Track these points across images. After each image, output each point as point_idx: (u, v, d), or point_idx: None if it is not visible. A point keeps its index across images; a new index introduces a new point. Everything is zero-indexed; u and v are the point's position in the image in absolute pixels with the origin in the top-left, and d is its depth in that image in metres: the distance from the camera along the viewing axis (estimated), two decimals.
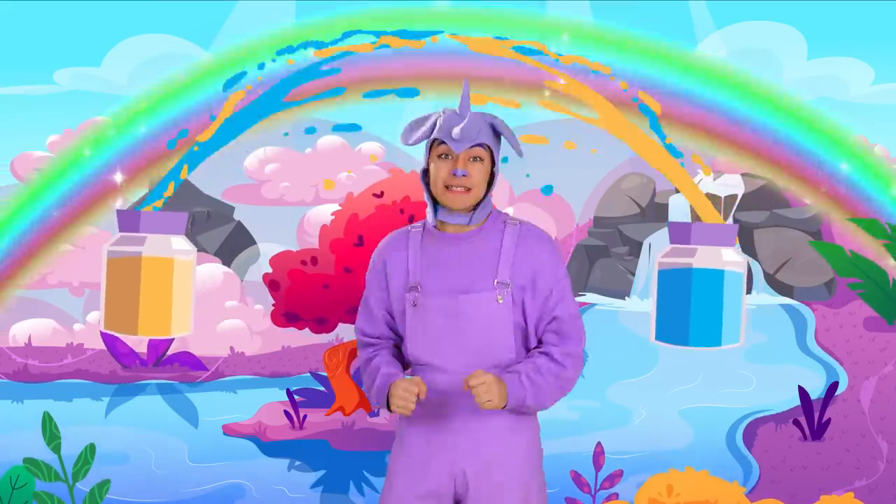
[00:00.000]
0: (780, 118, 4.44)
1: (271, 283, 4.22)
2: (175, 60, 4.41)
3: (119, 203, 4.36)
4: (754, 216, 4.52)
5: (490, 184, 3.05)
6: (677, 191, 4.53)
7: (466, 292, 2.99)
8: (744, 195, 4.51)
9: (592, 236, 4.57)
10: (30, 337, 4.45)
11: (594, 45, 4.34)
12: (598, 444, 4.39)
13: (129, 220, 3.44)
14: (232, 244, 4.50)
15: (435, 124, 3.01)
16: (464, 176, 2.96)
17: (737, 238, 3.64)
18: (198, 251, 4.14)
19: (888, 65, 4.46)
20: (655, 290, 3.42)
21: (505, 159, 3.29)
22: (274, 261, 4.26)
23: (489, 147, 3.01)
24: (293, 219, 4.42)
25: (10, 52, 4.45)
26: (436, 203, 3.06)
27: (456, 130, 2.94)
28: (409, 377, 3.02)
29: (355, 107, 4.36)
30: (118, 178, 4.28)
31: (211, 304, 4.38)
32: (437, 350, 3.03)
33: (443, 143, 3.00)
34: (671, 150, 3.90)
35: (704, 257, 3.38)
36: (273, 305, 4.23)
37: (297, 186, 4.45)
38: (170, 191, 3.81)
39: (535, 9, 4.37)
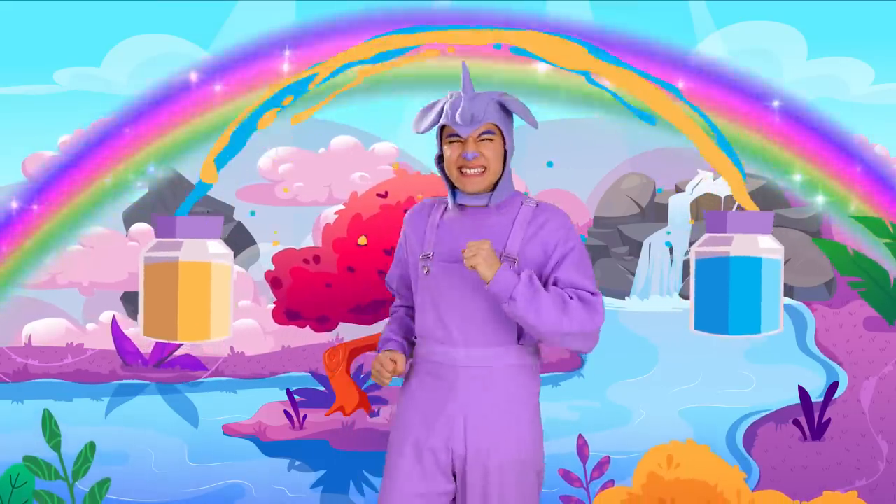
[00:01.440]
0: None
1: (273, 281, 4.22)
2: (175, 60, 4.41)
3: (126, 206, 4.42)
4: None
5: (506, 161, 3.04)
6: (677, 190, 4.54)
7: None
8: None
9: (592, 236, 4.57)
10: (30, 337, 4.45)
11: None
12: (580, 436, 4.36)
13: (166, 226, 3.44)
14: (232, 244, 4.50)
15: (442, 110, 3.01)
16: (475, 157, 2.96)
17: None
18: None
19: (888, 65, 4.46)
20: (693, 279, 3.39)
21: None
22: (276, 258, 4.26)
23: (498, 125, 3.00)
24: (308, 219, 4.43)
25: (10, 52, 4.45)
26: (454, 187, 3.07)
27: (460, 115, 2.94)
28: (393, 351, 3.08)
29: (357, 107, 4.36)
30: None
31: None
32: (441, 320, 3.03)
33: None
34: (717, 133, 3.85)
35: (741, 245, 3.36)
36: (274, 303, 4.23)
37: (310, 186, 4.46)
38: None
39: (536, 9, 4.37)
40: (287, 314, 4.24)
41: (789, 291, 4.51)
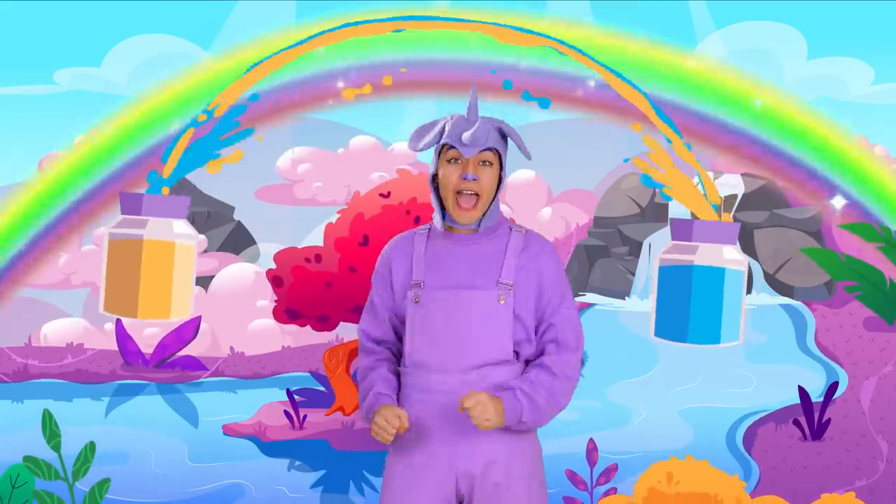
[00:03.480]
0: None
1: (274, 279, 4.21)
2: (175, 60, 4.41)
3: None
4: (754, 216, 4.52)
5: (498, 188, 3.06)
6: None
7: (469, 289, 2.99)
8: (744, 195, 4.51)
9: (592, 236, 4.57)
10: (29, 337, 4.45)
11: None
12: (591, 440, 4.37)
13: (132, 203, 3.44)
14: (232, 244, 4.50)
15: (443, 129, 3.02)
16: (474, 180, 2.97)
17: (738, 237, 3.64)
18: (214, 250, 4.16)
19: (888, 65, 4.46)
20: (656, 285, 3.41)
21: None
22: (278, 257, 4.25)
23: (498, 151, 3.02)
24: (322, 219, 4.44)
25: (10, 52, 4.45)
26: (443, 209, 3.07)
27: (466, 135, 2.96)
28: (395, 406, 3.02)
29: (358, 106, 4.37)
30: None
31: (242, 304, 4.39)
32: (435, 348, 3.02)
33: (452, 147, 3.01)
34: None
35: (706, 255, 3.37)
36: (275, 301, 4.22)
37: (329, 187, 4.45)
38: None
39: (536, 9, 4.37)
40: (288, 313, 4.23)
41: (789, 291, 4.51)
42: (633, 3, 4.42)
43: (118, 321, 4.43)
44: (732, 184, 4.48)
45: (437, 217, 3.08)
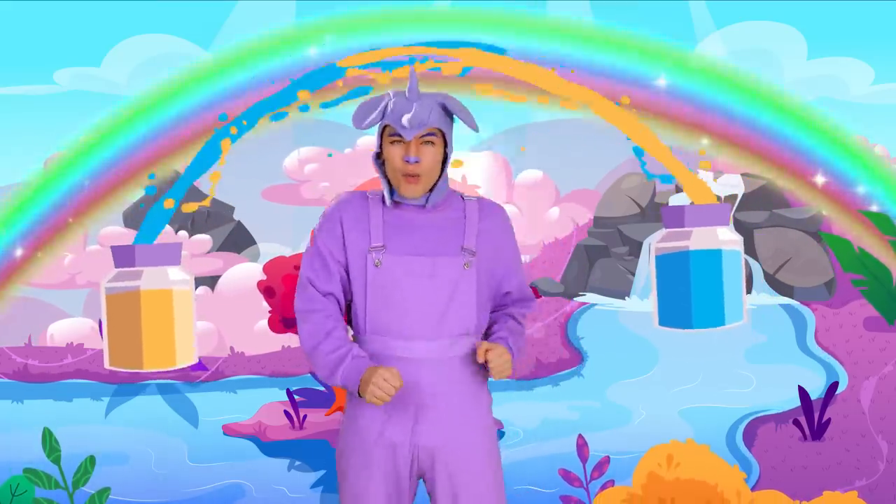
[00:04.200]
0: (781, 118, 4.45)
1: (266, 290, 4.19)
2: (175, 60, 4.41)
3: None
4: (754, 216, 4.52)
5: (444, 164, 3.04)
6: (677, 191, 4.54)
7: (436, 255, 2.98)
8: (744, 195, 4.51)
9: (592, 236, 4.57)
10: (30, 337, 4.45)
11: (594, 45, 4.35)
12: (580, 436, 4.35)
13: (124, 255, 3.43)
14: (232, 244, 4.50)
15: (386, 108, 2.98)
16: (416, 163, 2.95)
17: (731, 217, 3.62)
18: (214, 250, 4.15)
19: (888, 65, 4.46)
20: (654, 276, 3.41)
21: None
22: (268, 267, 4.23)
23: (441, 129, 2.99)
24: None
25: (10, 52, 4.45)
26: (390, 184, 3.05)
27: (406, 118, 2.92)
28: (386, 367, 2.96)
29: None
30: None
31: (248, 304, 4.39)
32: (399, 314, 2.98)
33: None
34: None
35: (700, 238, 3.36)
36: (269, 312, 4.20)
37: (336, 186, 4.45)
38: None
39: (536, 9, 4.37)
40: (283, 322, 4.22)
41: (789, 291, 4.51)
42: (633, 3, 4.42)
43: None
44: (732, 184, 4.48)
45: (385, 193, 3.05)
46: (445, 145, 3.01)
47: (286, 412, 4.44)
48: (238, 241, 4.46)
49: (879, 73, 4.46)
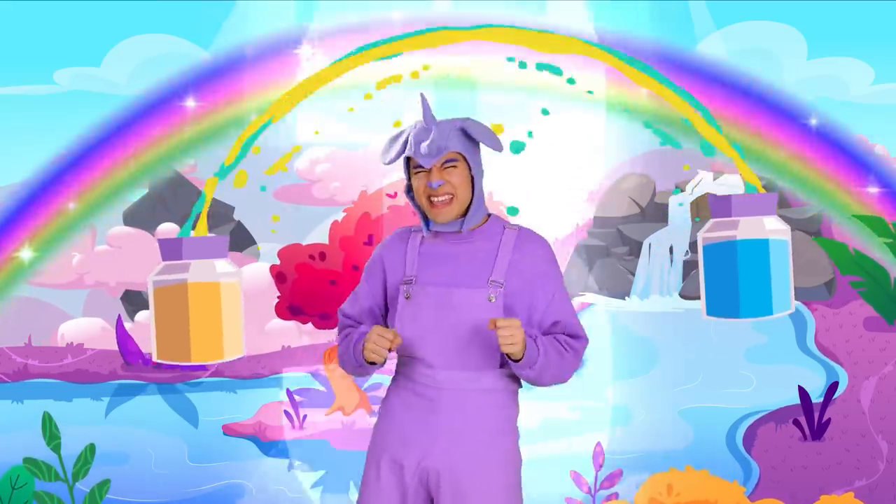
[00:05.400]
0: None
1: (278, 276, 4.21)
2: (175, 60, 4.41)
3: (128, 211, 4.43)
4: None
5: (474, 185, 3.04)
6: (676, 190, 4.54)
7: (458, 287, 2.99)
8: None
9: (592, 236, 4.57)
10: (30, 337, 4.45)
11: None
12: (598, 444, 4.39)
13: (172, 248, 3.42)
14: (232, 243, 4.50)
15: (407, 140, 3.01)
16: (441, 185, 2.96)
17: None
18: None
19: (888, 65, 4.46)
20: (701, 266, 3.39)
21: None
22: (282, 253, 4.25)
23: (461, 153, 3.00)
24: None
25: (10, 52, 4.45)
26: (426, 217, 3.07)
27: (423, 146, 2.94)
28: (385, 327, 3.01)
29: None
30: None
31: (259, 304, 4.39)
32: (423, 343, 3.02)
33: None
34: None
35: (748, 228, 3.34)
36: (278, 298, 4.21)
37: (347, 187, 4.44)
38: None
39: (536, 9, 4.37)
40: (290, 309, 4.24)
41: None
42: (633, 3, 4.42)
43: (118, 321, 4.43)
44: (732, 184, 4.48)
45: (422, 223, 3.08)
46: (470, 168, 3.02)
47: (286, 412, 4.45)
48: (238, 240, 4.46)
49: (879, 73, 4.46)
